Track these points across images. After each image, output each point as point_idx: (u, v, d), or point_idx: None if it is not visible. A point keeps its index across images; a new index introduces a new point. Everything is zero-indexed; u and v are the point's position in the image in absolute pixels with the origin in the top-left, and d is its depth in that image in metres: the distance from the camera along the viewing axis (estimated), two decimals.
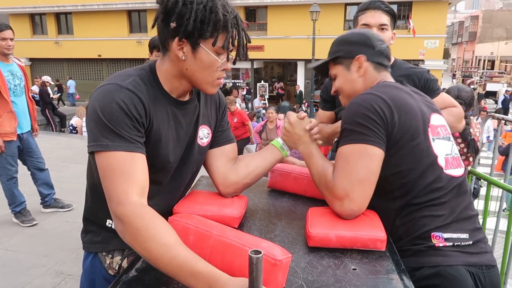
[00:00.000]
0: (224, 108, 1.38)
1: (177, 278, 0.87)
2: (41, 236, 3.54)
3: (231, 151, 1.37)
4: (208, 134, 1.29)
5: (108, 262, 1.23)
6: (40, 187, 3.93)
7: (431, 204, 1.17)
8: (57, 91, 15.29)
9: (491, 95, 22.26)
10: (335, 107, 1.98)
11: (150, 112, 1.07)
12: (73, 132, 8.72)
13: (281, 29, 18.91)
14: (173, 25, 1.02)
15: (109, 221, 1.21)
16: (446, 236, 1.15)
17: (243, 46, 1.11)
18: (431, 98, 1.78)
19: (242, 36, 1.09)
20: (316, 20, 15.75)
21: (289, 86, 22.83)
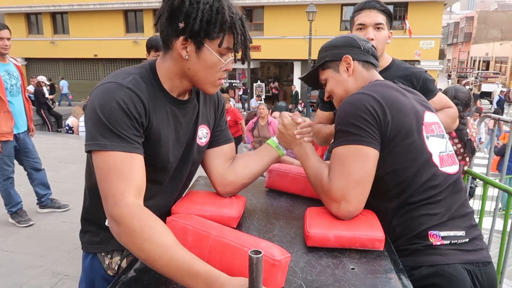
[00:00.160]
0: (222, 107, 1.38)
1: (175, 279, 0.86)
2: (37, 236, 3.52)
3: (229, 151, 1.37)
4: (207, 133, 1.29)
5: (107, 262, 1.23)
6: (36, 187, 3.92)
7: (427, 202, 1.18)
8: (49, 91, 15.04)
9: (486, 95, 22.36)
10: (333, 107, 1.98)
11: (149, 111, 1.06)
12: (70, 132, 8.67)
13: (278, 30, 18.94)
14: (181, 25, 1.02)
15: (108, 221, 1.20)
16: (443, 234, 1.16)
17: (249, 47, 1.11)
18: (428, 98, 1.80)
19: (247, 38, 1.09)
20: (312, 20, 15.79)
21: (285, 86, 22.85)
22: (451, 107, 1.96)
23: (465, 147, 2.59)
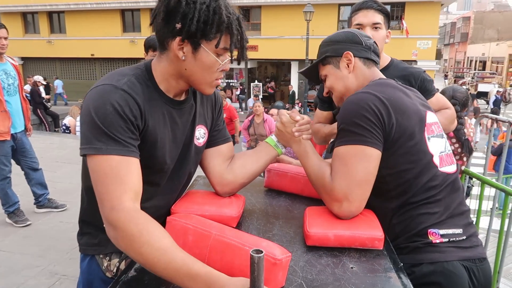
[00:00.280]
0: (220, 107, 1.37)
1: (175, 281, 0.86)
2: (35, 236, 3.51)
3: (228, 151, 1.36)
4: (204, 134, 1.28)
5: (105, 264, 1.21)
6: (34, 187, 3.90)
7: (427, 202, 1.19)
8: (45, 90, 14.96)
9: (483, 95, 22.45)
10: (332, 107, 1.99)
11: (145, 113, 1.05)
12: (67, 132, 8.64)
13: (275, 29, 18.95)
14: (178, 26, 1.00)
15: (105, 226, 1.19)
16: (442, 232, 1.17)
17: (245, 48, 1.09)
18: (426, 98, 1.80)
19: (244, 38, 1.08)
20: (310, 20, 15.81)
21: (282, 86, 22.86)
22: (449, 108, 1.96)
23: (463, 147, 2.60)
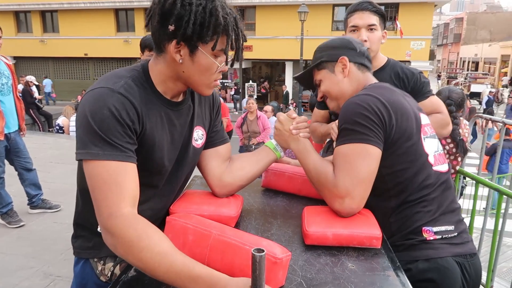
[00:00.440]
0: (218, 107, 1.36)
1: (176, 284, 0.86)
2: (28, 237, 3.48)
3: (225, 152, 1.36)
4: (202, 135, 1.27)
5: (100, 268, 1.20)
6: (27, 188, 3.86)
7: (422, 200, 1.23)
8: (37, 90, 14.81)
9: (475, 96, 22.64)
10: None
11: (143, 117, 1.03)
12: (60, 132, 8.58)
13: (270, 29, 18.97)
14: (171, 28, 0.98)
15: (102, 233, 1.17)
16: (435, 229, 1.22)
17: (242, 48, 1.08)
18: (419, 100, 1.81)
19: (241, 38, 1.06)
20: (304, 20, 15.84)
21: (277, 86, 22.88)
22: (441, 112, 1.92)
23: (457, 147, 2.62)
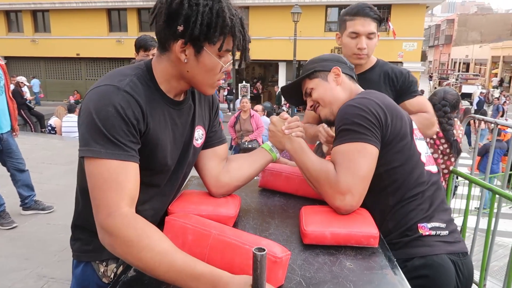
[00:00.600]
0: (217, 107, 1.37)
1: (178, 283, 0.85)
2: (21, 239, 3.45)
3: (223, 152, 1.36)
4: (202, 135, 1.28)
5: (102, 270, 1.18)
6: (20, 189, 3.83)
7: (417, 197, 1.28)
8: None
9: (467, 97, 22.85)
10: None
11: (147, 115, 1.02)
12: (52, 132, 8.50)
13: (263, 30, 18.94)
14: (180, 28, 0.98)
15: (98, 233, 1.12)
16: (430, 226, 1.26)
17: (248, 49, 1.09)
18: (407, 99, 1.89)
19: (247, 39, 1.07)
20: (297, 21, 15.87)
21: (270, 87, 22.89)
22: (427, 112, 1.90)
23: (451, 147, 2.65)
